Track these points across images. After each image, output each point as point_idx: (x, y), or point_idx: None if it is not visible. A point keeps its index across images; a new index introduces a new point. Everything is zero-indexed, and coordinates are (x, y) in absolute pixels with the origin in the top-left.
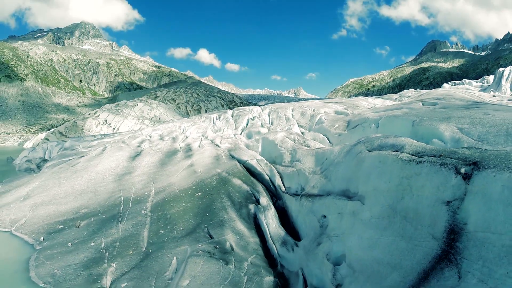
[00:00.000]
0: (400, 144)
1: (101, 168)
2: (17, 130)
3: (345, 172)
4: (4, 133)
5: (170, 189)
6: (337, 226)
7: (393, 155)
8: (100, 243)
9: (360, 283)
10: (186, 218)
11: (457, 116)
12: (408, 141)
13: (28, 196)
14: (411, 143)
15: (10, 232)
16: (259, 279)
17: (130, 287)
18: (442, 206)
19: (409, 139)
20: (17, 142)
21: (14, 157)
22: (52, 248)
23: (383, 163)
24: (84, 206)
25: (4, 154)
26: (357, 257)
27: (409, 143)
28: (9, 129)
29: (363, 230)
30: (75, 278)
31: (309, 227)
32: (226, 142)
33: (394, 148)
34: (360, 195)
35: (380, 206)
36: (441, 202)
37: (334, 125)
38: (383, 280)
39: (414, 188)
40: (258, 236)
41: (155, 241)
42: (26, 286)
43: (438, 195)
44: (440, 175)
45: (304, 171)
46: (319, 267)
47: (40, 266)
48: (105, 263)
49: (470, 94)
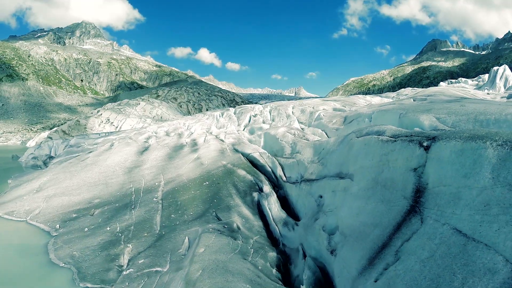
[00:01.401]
0: (382, 130)
1: (111, 162)
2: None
3: (339, 158)
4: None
5: (179, 180)
6: (331, 202)
7: (375, 138)
8: (115, 228)
9: (350, 244)
10: (196, 204)
11: (436, 108)
12: (389, 127)
13: (40, 188)
14: (390, 129)
15: (26, 221)
16: (263, 253)
17: (147, 263)
18: (411, 173)
19: (390, 126)
20: (20, 141)
21: (19, 155)
22: (68, 234)
23: (368, 145)
24: (96, 197)
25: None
26: (347, 224)
27: (389, 129)
28: (11, 128)
29: (352, 202)
30: (94, 258)
31: (308, 207)
32: (230, 137)
33: (377, 133)
34: (350, 174)
35: (366, 180)
36: (410, 170)
37: (332, 121)
38: (367, 237)
39: (390, 162)
40: (262, 221)
41: (168, 224)
42: (47, 267)
43: (407, 165)
44: (408, 149)
45: (303, 161)
46: (316, 239)
47: (59, 249)
48: (121, 244)
49: (464, 92)
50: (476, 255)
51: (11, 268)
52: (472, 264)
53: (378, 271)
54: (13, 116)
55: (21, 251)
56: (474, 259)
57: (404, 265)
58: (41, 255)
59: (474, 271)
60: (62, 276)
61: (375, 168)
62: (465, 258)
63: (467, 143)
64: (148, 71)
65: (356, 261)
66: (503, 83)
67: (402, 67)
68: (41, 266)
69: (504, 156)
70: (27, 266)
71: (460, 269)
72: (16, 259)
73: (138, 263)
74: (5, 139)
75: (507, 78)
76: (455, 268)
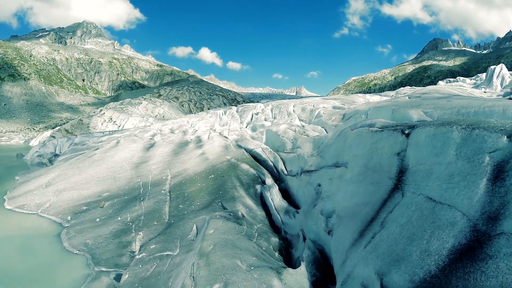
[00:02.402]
0: (373, 123)
1: (118, 158)
2: (22, 128)
3: (335, 150)
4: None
5: (186, 173)
6: (329, 189)
7: (366, 129)
8: (126, 218)
9: (344, 223)
10: (202, 195)
11: (425, 104)
12: (379, 120)
13: (49, 183)
14: (380, 121)
15: (37, 214)
16: (267, 237)
17: (158, 248)
18: (395, 157)
19: (381, 119)
20: (22, 140)
21: (24, 153)
22: (80, 224)
23: (360, 136)
24: (105, 190)
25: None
26: (342, 207)
27: (379, 122)
28: (14, 128)
29: (347, 186)
30: (107, 245)
31: (307, 196)
32: (233, 134)
33: (369, 126)
34: (345, 163)
35: (358, 167)
36: (394, 154)
37: (331, 118)
38: (359, 214)
39: (378, 149)
40: (264, 211)
41: (176, 214)
42: (62, 254)
43: (392, 150)
44: (393, 136)
45: (303, 155)
46: (315, 222)
47: (72, 238)
48: (132, 232)
49: (461, 90)
50: (442, 214)
51: (28, 256)
52: (438, 221)
53: (367, 240)
54: (16, 116)
55: (35, 241)
56: (440, 216)
57: (387, 231)
58: (55, 244)
59: (439, 226)
60: (77, 262)
61: (366, 155)
62: (433, 217)
63: (439, 128)
64: (149, 70)
65: (349, 235)
66: (500, 82)
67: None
68: (56, 253)
69: (466, 137)
70: (42, 253)
71: (429, 225)
72: (31, 247)
73: (150, 248)
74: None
75: (504, 77)
76: (425, 225)
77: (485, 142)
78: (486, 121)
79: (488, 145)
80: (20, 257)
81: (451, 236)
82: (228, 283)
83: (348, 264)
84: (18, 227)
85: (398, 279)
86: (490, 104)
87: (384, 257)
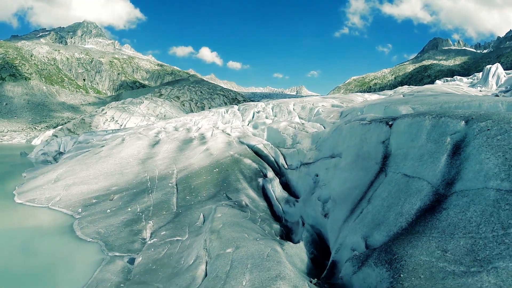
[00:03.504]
0: (364, 117)
1: (124, 154)
2: (23, 128)
3: (332, 143)
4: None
5: (191, 168)
6: (325, 177)
7: (358, 122)
8: (136, 209)
9: (338, 206)
10: (208, 187)
11: (414, 101)
12: (369, 115)
13: (58, 179)
14: (370, 116)
15: (47, 207)
16: (269, 223)
17: (168, 234)
18: (380, 145)
19: (371, 114)
20: (24, 140)
21: (27, 152)
22: (91, 215)
23: (352, 129)
24: (114, 185)
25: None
26: (337, 192)
27: (369, 116)
28: (15, 127)
29: (341, 174)
30: (119, 233)
31: (306, 185)
32: (236, 131)
33: (361, 120)
34: (339, 153)
35: (350, 156)
36: (380, 143)
37: (329, 116)
38: (350, 196)
39: (367, 139)
40: (266, 202)
41: (184, 204)
42: (77, 242)
43: (378, 139)
44: (379, 127)
45: (303, 150)
46: (313, 208)
47: (84, 228)
48: (143, 221)
49: (457, 89)
50: (413, 185)
51: (44, 244)
52: (410, 190)
53: (356, 215)
54: (17, 115)
55: (49, 231)
56: (411, 187)
57: (372, 205)
58: (68, 233)
59: (411, 193)
60: (92, 248)
61: (357, 145)
62: (407, 189)
63: (414, 118)
64: (150, 70)
65: (342, 214)
66: (495, 81)
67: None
68: (70, 241)
69: (434, 123)
70: (57, 242)
71: (403, 195)
72: (46, 237)
73: (160, 234)
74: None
75: (499, 76)
76: (400, 195)
77: (448, 126)
78: (451, 111)
79: (450, 129)
80: (37, 245)
81: (418, 200)
82: (238, 247)
83: (340, 236)
84: (30, 219)
85: (378, 237)
86: (469, 99)
87: (369, 225)
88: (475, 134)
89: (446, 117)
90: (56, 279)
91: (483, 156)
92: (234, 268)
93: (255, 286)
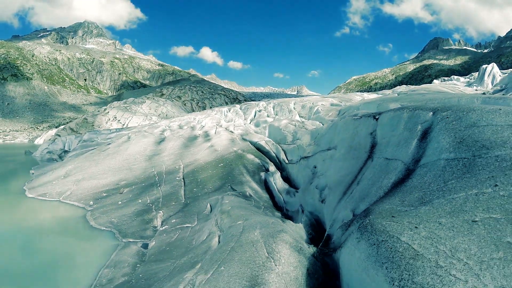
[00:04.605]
0: (357, 113)
1: (131, 151)
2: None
3: (328, 137)
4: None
5: (197, 163)
6: (322, 168)
7: (351, 117)
8: (146, 200)
9: (333, 191)
10: (213, 180)
11: (404, 98)
12: (361, 111)
13: (67, 175)
14: (361, 112)
15: (59, 200)
16: (271, 211)
17: (178, 221)
18: (369, 136)
19: (363, 110)
20: (27, 139)
21: (31, 151)
22: (103, 207)
23: (346, 123)
24: (123, 179)
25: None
26: (332, 180)
27: (360, 112)
28: (17, 127)
29: (336, 164)
30: (131, 222)
31: (305, 176)
32: (239, 129)
33: (354, 116)
34: (335, 146)
35: (344, 148)
36: (368, 134)
37: (328, 114)
38: (343, 182)
39: (358, 131)
40: (268, 195)
41: (191, 196)
42: (91, 231)
43: (366, 131)
44: (367, 121)
45: (302, 145)
46: (311, 196)
47: (98, 218)
48: (153, 211)
49: (452, 89)
50: (391, 165)
51: (61, 232)
52: (388, 169)
53: (347, 195)
54: (19, 115)
55: (63, 221)
56: (389, 166)
57: (360, 186)
58: (83, 223)
59: (389, 171)
60: (106, 236)
61: (350, 138)
62: (386, 168)
63: (395, 112)
64: (151, 70)
65: (336, 198)
66: (491, 80)
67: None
68: (85, 230)
69: (410, 115)
70: (73, 231)
71: (383, 173)
72: (61, 226)
73: (171, 222)
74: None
75: (495, 75)
76: (381, 174)
77: (420, 117)
78: (425, 105)
79: (421, 119)
80: (54, 233)
81: (393, 175)
82: (247, 219)
83: (334, 214)
84: (44, 211)
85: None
86: (450, 96)
87: (356, 200)
88: (438, 122)
89: (419, 110)
90: (76, 262)
91: (441, 137)
92: (246, 229)
93: (264, 234)
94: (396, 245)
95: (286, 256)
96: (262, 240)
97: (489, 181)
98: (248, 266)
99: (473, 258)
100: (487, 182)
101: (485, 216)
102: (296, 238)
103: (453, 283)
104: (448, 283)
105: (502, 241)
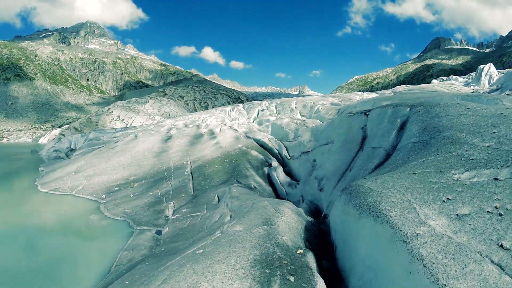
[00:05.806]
0: (353, 110)
1: (140, 148)
2: (29, 127)
3: (326, 133)
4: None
5: (204, 159)
6: (321, 160)
7: (346, 114)
8: (157, 193)
9: (330, 181)
10: (220, 175)
11: (397, 97)
12: (355, 109)
13: (78, 171)
14: (356, 109)
15: (72, 194)
16: None
17: (188, 211)
18: (360, 130)
19: (359, 108)
20: (31, 139)
21: (37, 150)
22: (116, 200)
23: (342, 120)
24: (132, 175)
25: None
26: (329, 170)
27: (355, 110)
28: (21, 127)
29: (332, 156)
30: (144, 212)
31: (306, 170)
32: (242, 127)
33: (349, 113)
34: (332, 140)
35: (340, 142)
36: (360, 128)
37: (328, 113)
38: (338, 171)
39: (352, 126)
40: (271, 188)
41: (199, 188)
42: (107, 220)
43: (358, 126)
44: (359, 117)
45: (303, 142)
46: (311, 186)
47: (111, 209)
48: (164, 203)
49: (450, 88)
50: (376, 152)
51: (78, 222)
52: (374, 156)
53: (341, 181)
54: (22, 115)
55: (78, 213)
56: (375, 153)
57: (351, 172)
58: (98, 214)
59: (373, 158)
60: (121, 225)
61: (345, 132)
62: (372, 155)
63: (382, 109)
64: (153, 70)
65: (332, 185)
66: (488, 80)
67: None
68: (101, 220)
69: (393, 111)
70: (89, 221)
71: (370, 159)
72: (77, 217)
73: (182, 211)
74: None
75: (491, 75)
76: (368, 160)
77: (400, 112)
78: (406, 101)
79: (401, 113)
80: (72, 223)
81: (376, 159)
82: (255, 201)
83: (330, 197)
84: (59, 204)
85: None
86: (435, 94)
87: (347, 182)
88: (412, 115)
89: (400, 106)
90: (96, 247)
91: (412, 126)
92: (256, 202)
93: (271, 202)
94: (361, 189)
95: (288, 214)
96: (270, 205)
97: (434, 152)
98: (262, 216)
99: (404, 188)
100: (432, 153)
101: (422, 171)
102: (296, 209)
103: (388, 199)
104: (385, 200)
105: (426, 181)
